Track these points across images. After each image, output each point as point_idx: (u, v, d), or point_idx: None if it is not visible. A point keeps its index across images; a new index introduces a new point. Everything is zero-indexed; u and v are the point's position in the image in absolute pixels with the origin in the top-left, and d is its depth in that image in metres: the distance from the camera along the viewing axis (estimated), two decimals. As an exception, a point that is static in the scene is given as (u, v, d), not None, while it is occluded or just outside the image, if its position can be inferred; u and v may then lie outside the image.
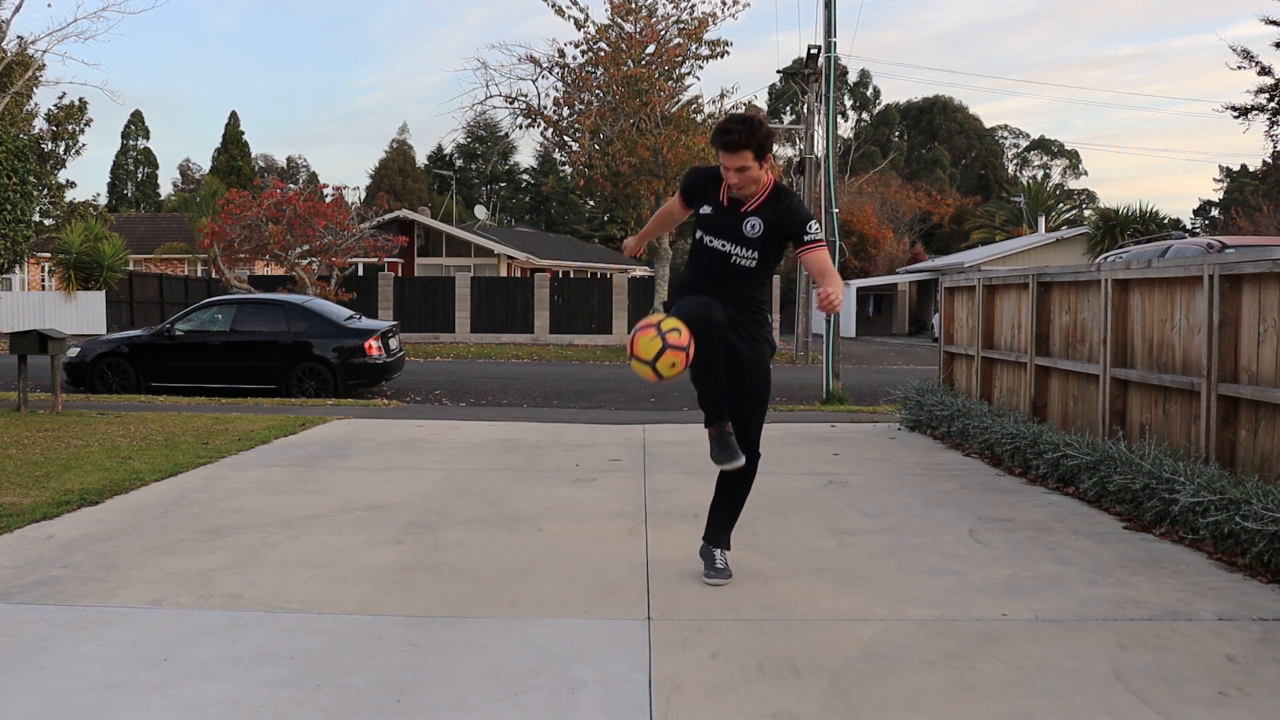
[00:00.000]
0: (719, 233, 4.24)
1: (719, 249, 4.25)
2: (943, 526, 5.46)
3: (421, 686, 3.18)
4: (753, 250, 4.22)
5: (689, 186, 4.40)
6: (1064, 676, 3.27)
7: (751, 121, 4.11)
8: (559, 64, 26.48)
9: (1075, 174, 77.59)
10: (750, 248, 4.22)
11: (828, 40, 14.12)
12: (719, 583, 4.31)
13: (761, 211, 4.22)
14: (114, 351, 14.17)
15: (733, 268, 4.25)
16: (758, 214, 4.22)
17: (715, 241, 4.25)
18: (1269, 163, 39.54)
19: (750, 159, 4.09)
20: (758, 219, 4.22)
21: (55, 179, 31.87)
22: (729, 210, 4.25)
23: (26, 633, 3.64)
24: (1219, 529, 4.71)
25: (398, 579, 4.37)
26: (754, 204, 4.23)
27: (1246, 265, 5.23)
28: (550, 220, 70.09)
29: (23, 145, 14.90)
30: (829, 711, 3.01)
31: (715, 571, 4.37)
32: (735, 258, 4.24)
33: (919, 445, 8.56)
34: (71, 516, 5.51)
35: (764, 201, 4.23)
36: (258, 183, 35.30)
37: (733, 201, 4.24)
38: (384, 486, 6.48)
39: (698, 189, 4.34)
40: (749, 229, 4.22)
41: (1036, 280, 7.83)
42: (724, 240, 4.23)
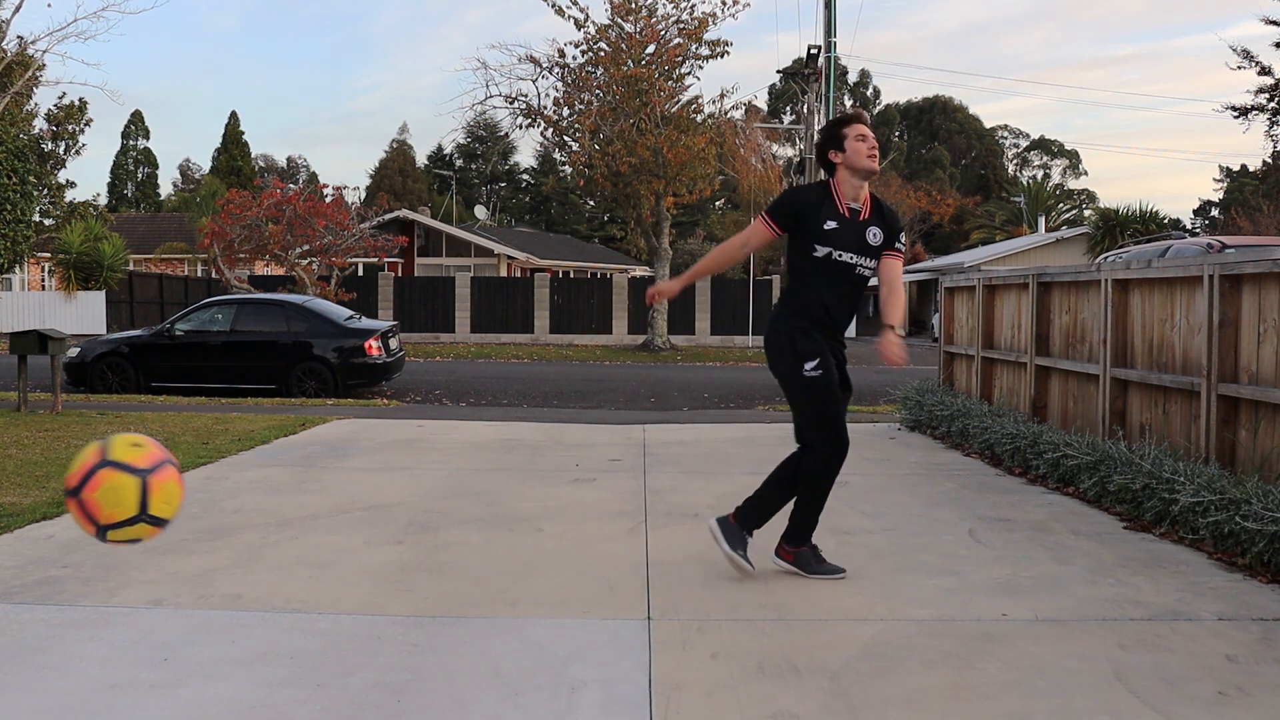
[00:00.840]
0: (848, 245, 4.25)
1: (848, 262, 4.26)
2: (943, 526, 5.46)
3: (421, 686, 3.18)
4: (874, 260, 4.31)
5: (792, 210, 4.30)
6: (1064, 676, 3.27)
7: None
8: (559, 64, 26.48)
9: (1075, 174, 77.62)
10: (873, 257, 4.30)
11: (828, 40, 14.14)
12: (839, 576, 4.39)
13: (875, 219, 4.32)
14: (114, 351, 14.17)
15: (858, 279, 4.31)
16: (873, 222, 4.31)
17: (845, 255, 4.24)
18: (1269, 163, 39.53)
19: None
20: (876, 227, 4.31)
21: (55, 179, 31.87)
22: (851, 221, 4.28)
23: (26, 633, 3.64)
24: (1219, 529, 4.71)
25: (398, 579, 4.36)
26: (867, 212, 4.31)
27: (1246, 265, 5.23)
28: (550, 220, 70.10)
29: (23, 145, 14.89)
30: (829, 711, 3.01)
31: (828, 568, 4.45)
32: (860, 268, 4.29)
33: (919, 445, 8.56)
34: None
35: (873, 209, 4.34)
36: (258, 183, 35.30)
37: (852, 212, 4.28)
38: (384, 486, 6.48)
39: (812, 205, 4.28)
40: (872, 237, 4.29)
41: (1036, 280, 7.83)
42: (853, 253, 4.25)
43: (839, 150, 4.30)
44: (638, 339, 29.84)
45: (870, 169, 4.25)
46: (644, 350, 27.32)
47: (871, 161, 4.26)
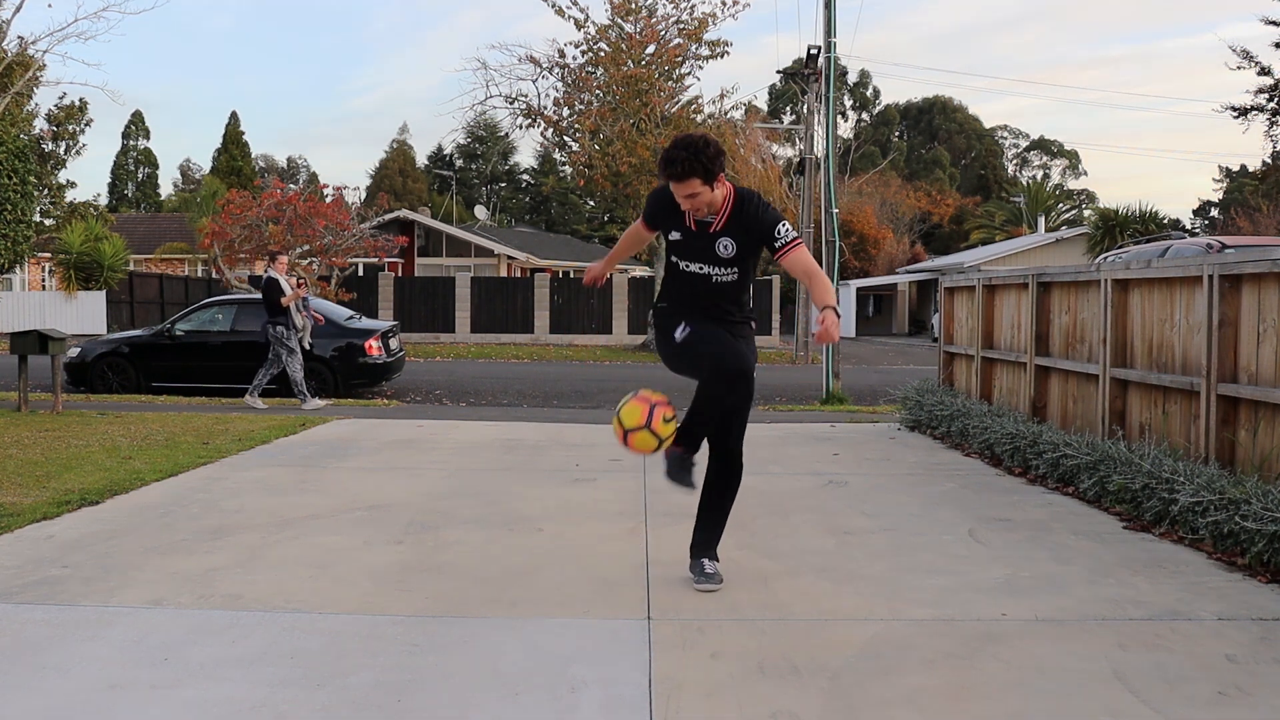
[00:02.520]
0: (694, 257, 4.15)
1: (697, 272, 4.16)
2: (942, 526, 5.46)
3: (421, 686, 3.18)
4: (731, 268, 4.13)
5: (651, 212, 4.29)
6: (1064, 676, 3.27)
7: (695, 144, 3.91)
8: (559, 64, 26.48)
9: (1075, 174, 77.63)
10: (728, 266, 4.13)
11: (828, 40, 14.12)
12: (711, 588, 4.18)
13: (729, 229, 4.08)
14: (114, 351, 14.17)
15: (715, 288, 4.17)
16: (727, 233, 4.08)
17: (692, 265, 4.15)
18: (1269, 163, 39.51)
19: (699, 185, 3.93)
20: (728, 238, 4.09)
21: (55, 179, 31.88)
22: (698, 234, 4.12)
23: (27, 633, 3.64)
24: (1219, 529, 4.72)
25: (398, 579, 4.37)
26: (720, 222, 4.08)
27: (1246, 265, 5.23)
28: (550, 220, 70.11)
29: (23, 145, 14.89)
30: (829, 711, 3.01)
31: (705, 577, 4.22)
32: (715, 278, 4.15)
33: (919, 445, 8.56)
34: (72, 516, 5.52)
35: (729, 217, 4.08)
36: (258, 183, 35.34)
37: (700, 224, 4.10)
38: (384, 486, 6.48)
39: (662, 214, 4.21)
40: (723, 249, 4.11)
41: (1036, 280, 7.83)
42: (700, 264, 4.14)
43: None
44: (638, 339, 29.84)
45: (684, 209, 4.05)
46: (644, 350, 27.31)
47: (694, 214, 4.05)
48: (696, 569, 4.28)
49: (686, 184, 3.94)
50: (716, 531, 4.36)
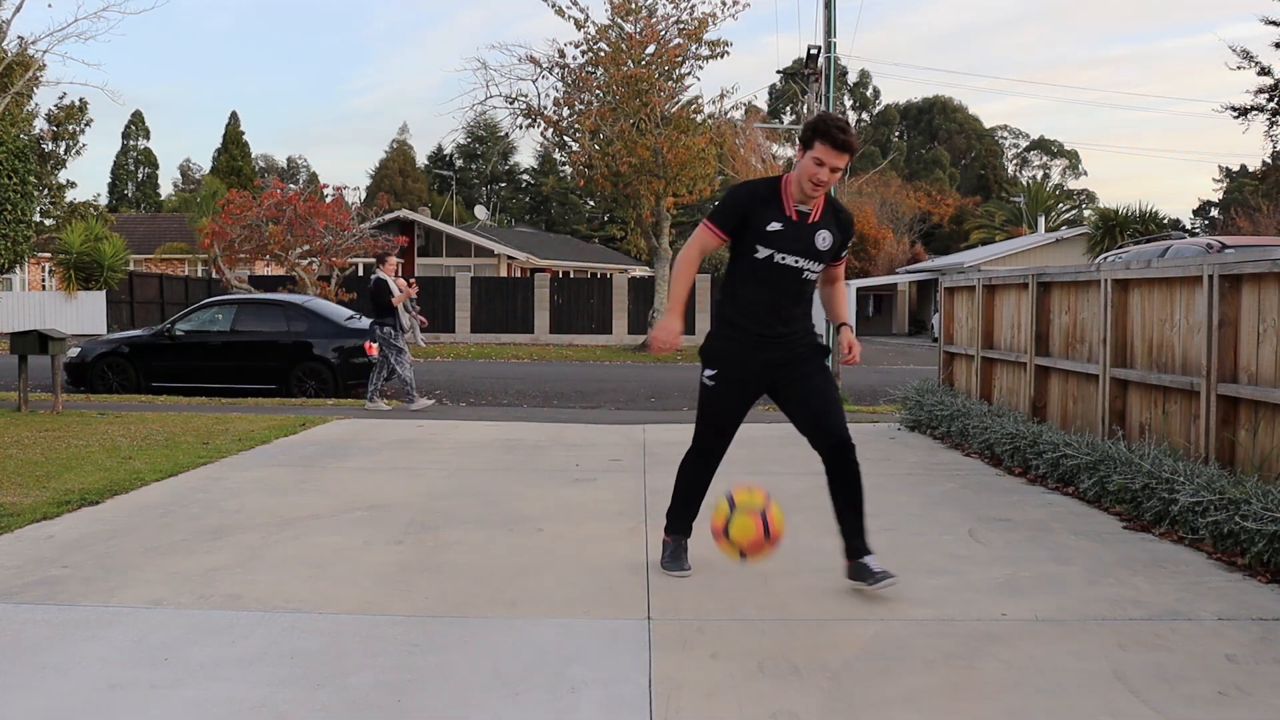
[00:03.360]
0: (792, 248, 4.06)
1: (792, 265, 4.07)
2: (943, 526, 5.46)
3: (421, 686, 3.18)
4: (821, 264, 4.14)
5: (739, 210, 4.09)
6: (1064, 676, 3.27)
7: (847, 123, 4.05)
8: (559, 64, 26.47)
9: (1075, 174, 77.64)
10: (820, 261, 4.12)
11: (828, 40, 14.13)
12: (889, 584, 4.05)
13: (826, 223, 4.13)
14: (114, 351, 14.17)
15: (803, 285, 4.14)
16: (824, 226, 4.11)
17: (789, 258, 4.06)
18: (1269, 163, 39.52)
19: (847, 162, 4.03)
20: (827, 231, 4.12)
21: (55, 179, 31.90)
22: (799, 224, 4.08)
23: (26, 633, 3.64)
24: (1219, 529, 4.72)
25: (398, 579, 4.37)
26: (817, 215, 4.11)
27: (1246, 265, 5.23)
28: (550, 220, 70.09)
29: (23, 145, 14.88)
30: (829, 711, 3.01)
31: (876, 577, 4.07)
32: (806, 272, 4.11)
33: (919, 445, 8.56)
34: (72, 516, 5.52)
35: (825, 212, 4.14)
36: (258, 183, 35.34)
37: (800, 214, 4.08)
38: (384, 486, 6.48)
39: (757, 206, 4.07)
40: (821, 241, 4.10)
41: (1036, 280, 7.83)
42: (798, 256, 4.07)
43: (803, 152, 4.07)
44: (638, 339, 29.84)
45: (808, 194, 4.03)
46: (644, 350, 27.31)
47: (814, 189, 4.01)
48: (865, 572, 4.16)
49: (844, 156, 3.96)
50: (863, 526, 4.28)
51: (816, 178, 3.98)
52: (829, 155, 3.94)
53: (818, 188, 4.01)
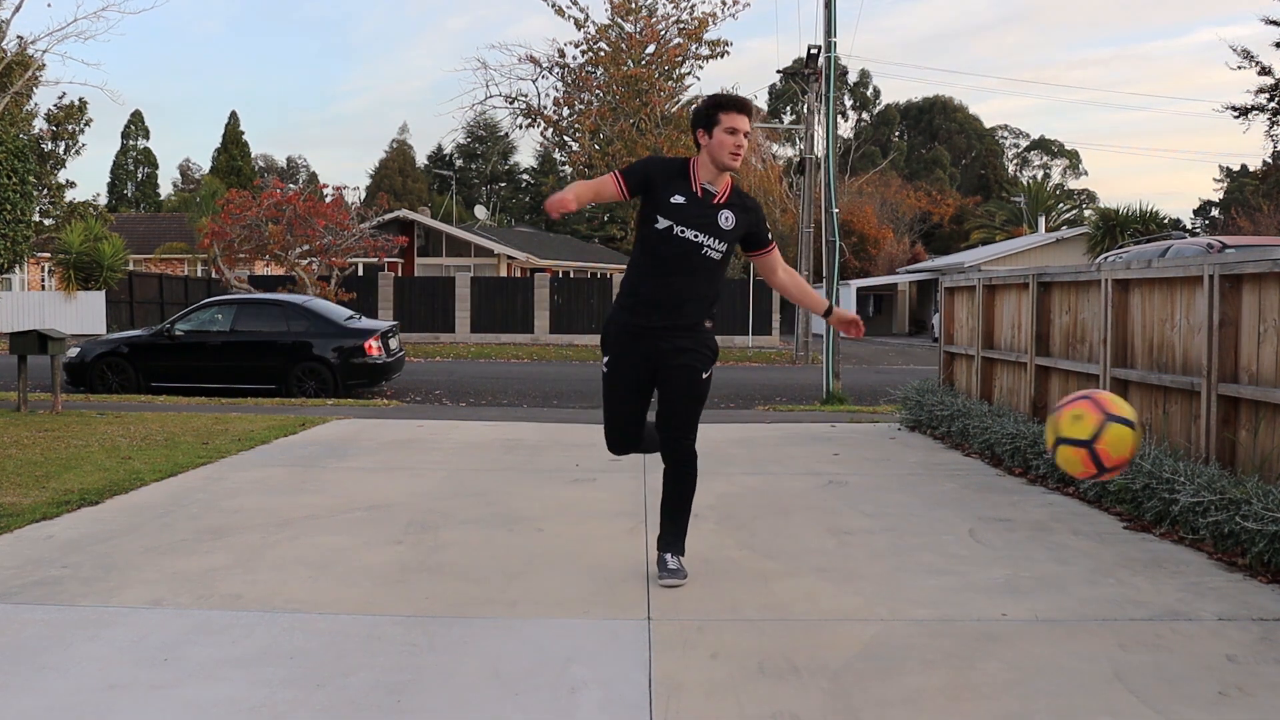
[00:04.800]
0: (692, 223, 4.14)
1: (691, 239, 4.14)
2: (943, 526, 5.46)
3: (421, 686, 3.18)
4: (723, 243, 4.18)
5: (645, 173, 4.20)
6: (1064, 676, 3.27)
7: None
8: (559, 64, 26.52)
9: (1075, 174, 77.64)
10: (723, 240, 4.18)
11: (828, 40, 14.12)
12: (675, 583, 4.23)
13: (731, 204, 4.20)
14: (114, 351, 14.17)
15: (703, 259, 4.18)
16: (729, 207, 4.19)
17: (688, 232, 4.13)
18: (1269, 163, 39.55)
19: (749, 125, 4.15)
20: (730, 211, 4.19)
21: (55, 179, 31.88)
22: (703, 200, 4.17)
23: (26, 633, 3.64)
24: (1219, 529, 4.71)
25: (398, 579, 4.37)
26: (723, 196, 4.20)
27: (1246, 265, 5.23)
28: (550, 220, 70.05)
29: (23, 145, 14.88)
30: (829, 711, 3.01)
31: (669, 572, 4.27)
32: (706, 249, 4.16)
33: (919, 445, 8.56)
34: (71, 516, 5.51)
35: (731, 194, 4.23)
36: (258, 183, 35.31)
37: (705, 193, 4.17)
38: (384, 486, 6.48)
39: (662, 179, 4.17)
40: (724, 221, 4.17)
41: (1036, 280, 7.83)
42: (697, 231, 4.14)
43: (707, 133, 4.15)
44: (638, 339, 29.78)
45: (728, 165, 4.12)
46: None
47: (733, 159, 4.12)
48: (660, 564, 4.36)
49: (744, 119, 4.10)
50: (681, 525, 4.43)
51: (736, 145, 4.10)
52: (737, 120, 4.08)
53: (737, 156, 4.11)
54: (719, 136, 4.10)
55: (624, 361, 4.28)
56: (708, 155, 4.16)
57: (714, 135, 4.11)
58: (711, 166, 4.16)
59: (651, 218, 4.16)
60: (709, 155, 4.15)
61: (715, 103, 4.16)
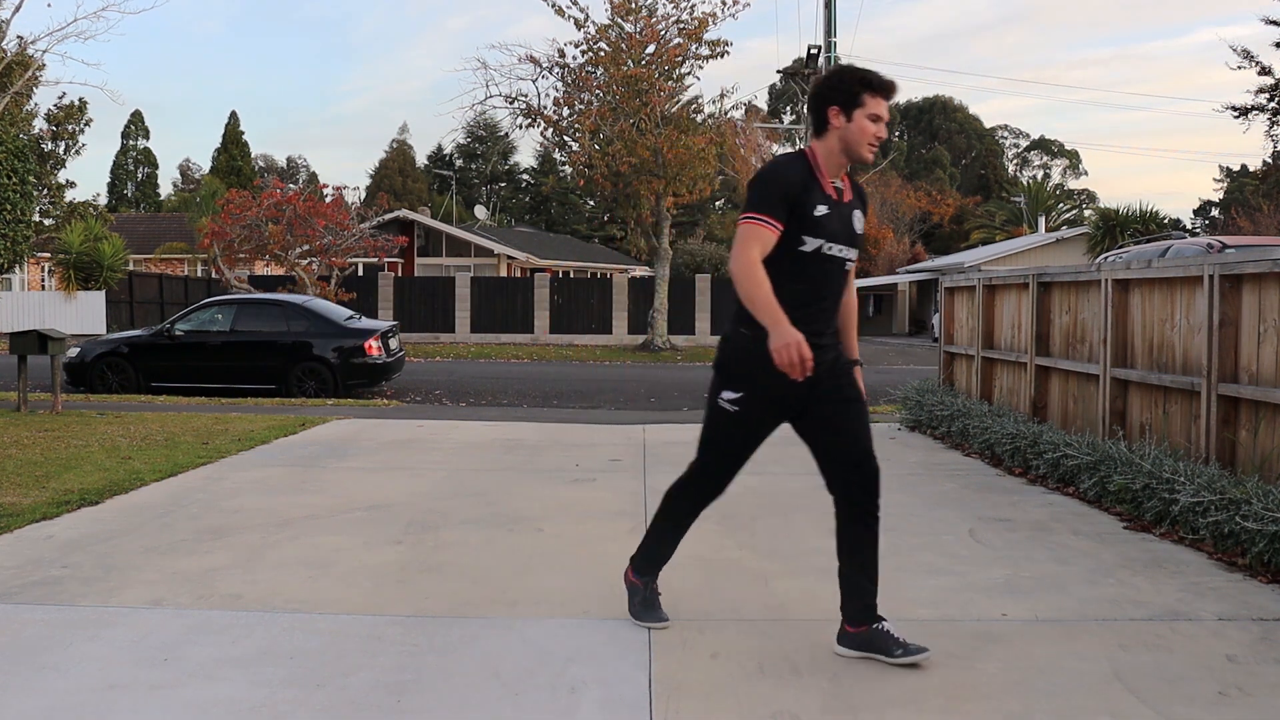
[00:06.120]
0: (838, 236, 3.39)
1: (838, 256, 3.40)
2: (943, 526, 5.46)
3: (421, 686, 3.18)
4: (857, 253, 3.49)
5: (784, 191, 3.31)
6: (1064, 676, 3.27)
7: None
8: (559, 64, 26.46)
9: (1075, 174, 77.66)
10: (856, 249, 3.47)
11: (828, 40, 14.13)
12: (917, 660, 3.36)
13: (856, 201, 3.49)
14: (114, 351, 14.17)
15: (845, 279, 3.49)
16: (856, 204, 3.48)
17: (834, 248, 3.37)
18: (1269, 163, 39.55)
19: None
20: (859, 211, 3.49)
21: (55, 179, 31.86)
22: (839, 204, 3.40)
23: (26, 633, 3.64)
24: (1219, 529, 4.71)
25: (398, 579, 4.36)
26: (849, 192, 3.46)
27: (1246, 265, 5.23)
28: (550, 220, 70.07)
29: (23, 145, 14.89)
30: (829, 711, 3.01)
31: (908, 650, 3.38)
32: (848, 264, 3.46)
33: (919, 445, 8.56)
34: (71, 516, 5.51)
35: (851, 187, 3.49)
36: (258, 183, 35.31)
37: (837, 192, 3.41)
38: (384, 486, 6.48)
39: (801, 186, 3.33)
40: (858, 224, 3.47)
41: (1036, 280, 7.83)
42: (842, 245, 3.40)
43: (844, 115, 3.35)
44: (638, 339, 29.83)
45: (865, 159, 3.37)
46: (644, 350, 27.31)
47: (870, 152, 3.37)
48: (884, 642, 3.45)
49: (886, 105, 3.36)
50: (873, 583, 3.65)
51: (878, 135, 3.36)
52: (881, 107, 3.34)
53: (874, 148, 3.37)
54: (860, 122, 3.33)
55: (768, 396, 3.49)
56: (839, 143, 3.37)
57: (854, 119, 3.33)
58: (839, 158, 3.39)
59: (796, 239, 3.33)
60: (842, 143, 3.36)
61: (863, 80, 3.36)
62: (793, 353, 3.14)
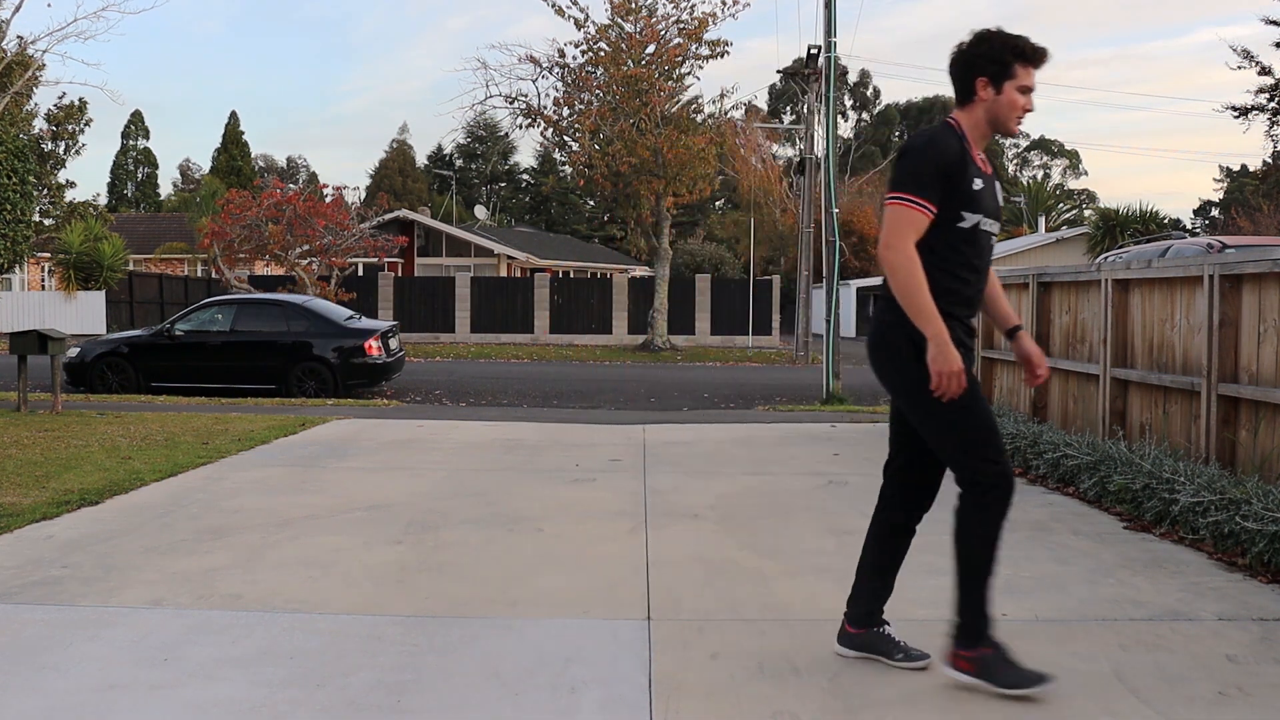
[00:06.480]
0: (992, 211, 3.22)
1: (990, 231, 3.22)
2: (943, 527, 5.44)
3: (421, 686, 3.18)
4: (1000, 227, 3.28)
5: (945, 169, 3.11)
6: (1064, 676, 3.27)
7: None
8: (559, 64, 26.47)
9: (1075, 174, 77.61)
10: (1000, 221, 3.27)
11: (828, 40, 14.11)
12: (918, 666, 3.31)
13: (994, 172, 3.31)
14: (114, 351, 14.17)
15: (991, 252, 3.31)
16: (995, 176, 3.29)
17: (989, 223, 3.20)
18: (1269, 163, 39.54)
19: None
20: (998, 182, 3.31)
21: (55, 179, 31.85)
22: (989, 177, 3.23)
23: (26, 633, 3.64)
24: (1219, 529, 4.71)
25: (398, 579, 4.36)
26: (988, 165, 3.28)
27: (1246, 265, 5.23)
28: (550, 220, 70.07)
29: (23, 145, 14.90)
30: (829, 711, 3.01)
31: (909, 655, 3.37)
32: (994, 238, 3.28)
33: (919, 445, 8.55)
34: (71, 516, 5.51)
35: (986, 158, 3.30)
36: (258, 183, 35.31)
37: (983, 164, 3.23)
38: (384, 486, 6.48)
39: (956, 165, 3.13)
40: (1000, 196, 3.29)
41: (1036, 280, 7.83)
42: (994, 219, 3.23)
43: (993, 87, 3.16)
44: (638, 339, 29.84)
45: (1012, 132, 3.21)
46: (644, 350, 27.31)
47: (1018, 125, 3.21)
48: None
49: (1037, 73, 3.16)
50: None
51: (1027, 107, 3.19)
52: (1032, 77, 3.17)
53: (1021, 121, 3.22)
54: (1010, 94, 3.15)
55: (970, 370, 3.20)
56: (985, 115, 3.19)
57: (1004, 92, 3.15)
58: (985, 129, 3.21)
59: (954, 215, 3.14)
60: (989, 115, 3.19)
61: (1014, 48, 3.16)
62: (951, 383, 3.05)
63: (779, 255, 45.63)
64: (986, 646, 3.18)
